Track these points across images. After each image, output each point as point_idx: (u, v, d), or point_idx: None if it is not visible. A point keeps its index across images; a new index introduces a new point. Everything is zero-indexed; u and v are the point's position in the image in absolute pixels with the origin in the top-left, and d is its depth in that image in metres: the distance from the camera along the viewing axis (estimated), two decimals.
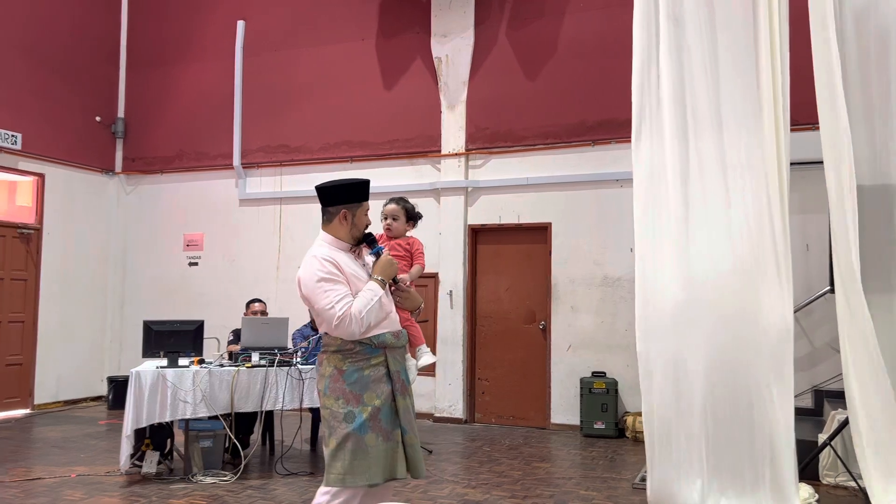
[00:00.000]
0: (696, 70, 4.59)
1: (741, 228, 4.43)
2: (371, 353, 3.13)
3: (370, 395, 3.09)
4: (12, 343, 8.76)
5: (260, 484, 5.42)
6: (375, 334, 3.14)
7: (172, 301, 9.61)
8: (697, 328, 4.43)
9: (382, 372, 3.14)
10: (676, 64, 4.62)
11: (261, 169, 9.43)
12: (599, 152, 7.87)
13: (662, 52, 4.64)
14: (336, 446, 3.04)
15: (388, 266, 3.26)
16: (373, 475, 3.03)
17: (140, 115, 10.18)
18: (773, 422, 4.24)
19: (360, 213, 3.25)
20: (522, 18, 8.29)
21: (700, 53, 4.58)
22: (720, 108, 4.54)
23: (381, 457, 3.06)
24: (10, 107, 8.73)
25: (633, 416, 7.28)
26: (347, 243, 3.25)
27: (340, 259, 3.15)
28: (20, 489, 5.23)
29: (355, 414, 3.05)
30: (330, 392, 3.11)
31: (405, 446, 3.16)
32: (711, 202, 4.51)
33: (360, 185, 3.24)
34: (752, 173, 4.44)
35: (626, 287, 7.59)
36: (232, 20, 9.62)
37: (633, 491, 5.28)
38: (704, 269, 4.47)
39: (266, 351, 5.84)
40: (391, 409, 3.14)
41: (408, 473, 3.17)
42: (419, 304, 3.57)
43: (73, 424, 7.98)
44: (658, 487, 4.46)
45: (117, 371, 9.64)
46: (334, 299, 3.04)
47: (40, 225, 9.09)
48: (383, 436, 3.08)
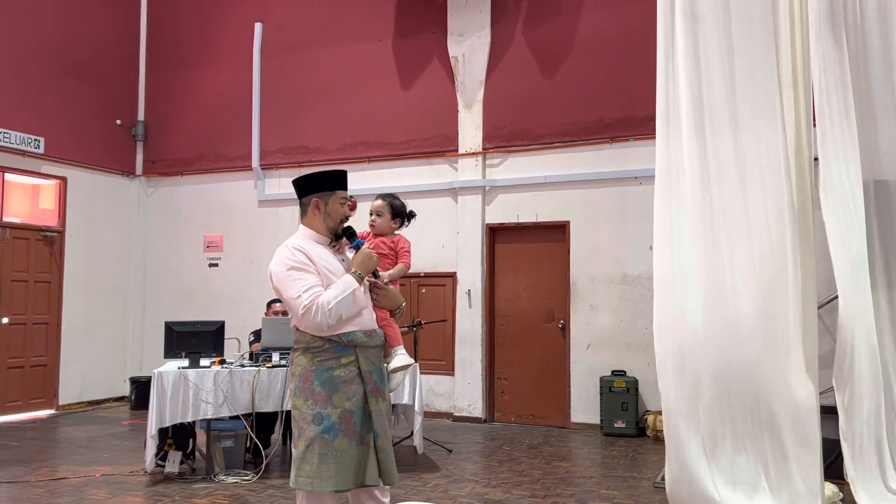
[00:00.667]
0: (714, 67, 4.56)
1: (760, 227, 4.39)
2: (341, 352, 3.00)
3: (340, 396, 2.96)
4: (37, 344, 8.88)
5: (281, 483, 5.45)
6: (345, 332, 3.00)
7: (193, 302, 9.70)
8: (717, 326, 4.40)
9: (354, 372, 3.01)
10: (693, 62, 4.59)
11: (279, 170, 9.48)
12: (618, 149, 7.83)
13: (679, 51, 4.62)
14: (305, 448, 2.93)
15: (366, 259, 3.11)
16: (341, 481, 2.90)
17: (160, 117, 10.28)
18: (798, 419, 4.19)
19: (334, 201, 3.12)
20: (539, 16, 8.27)
21: (717, 50, 4.55)
22: (737, 106, 4.50)
23: (351, 462, 2.93)
24: (33, 111, 8.85)
25: (654, 414, 7.24)
26: (326, 237, 3.13)
27: (314, 250, 3.04)
28: (46, 488, 5.31)
29: (323, 416, 2.92)
30: (300, 392, 2.99)
31: (377, 451, 3.01)
32: (729, 201, 4.47)
33: (332, 173, 3.13)
34: (772, 171, 4.40)
35: (646, 285, 7.55)
36: (249, 22, 9.69)
37: (655, 490, 5.25)
38: (723, 269, 4.43)
39: (286, 351, 5.87)
40: (364, 411, 3.01)
41: (380, 479, 3.02)
42: (399, 304, 3.37)
43: (96, 424, 8.08)
44: (677, 487, 4.43)
45: (139, 372, 9.75)
46: (301, 288, 2.92)
47: (63, 227, 9.21)
48: (356, 440, 2.95)
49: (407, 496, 5.07)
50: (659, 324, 4.54)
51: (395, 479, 3.07)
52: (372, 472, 2.97)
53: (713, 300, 4.42)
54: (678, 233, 4.55)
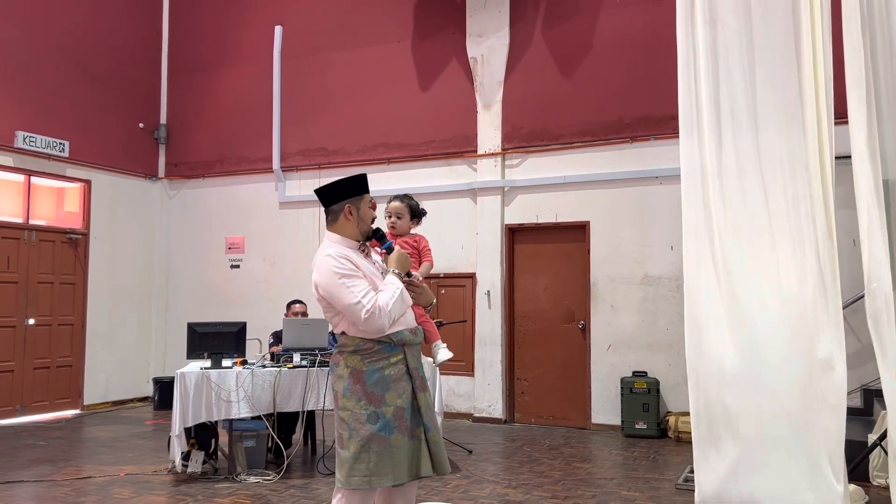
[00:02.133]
0: (735, 71, 4.57)
1: (781, 227, 4.37)
2: (390, 352, 3.07)
3: (392, 394, 3.03)
4: (62, 345, 9.01)
5: (302, 483, 5.48)
6: (395, 331, 3.07)
7: (215, 303, 9.78)
8: (745, 328, 4.37)
9: (402, 370, 3.09)
10: (713, 66, 4.61)
11: (300, 172, 9.54)
12: (638, 149, 7.79)
13: (700, 57, 4.65)
14: (359, 448, 2.96)
15: (402, 259, 3.20)
16: (398, 475, 2.98)
17: (182, 120, 10.38)
18: (823, 422, 4.15)
19: (364, 205, 3.18)
20: (558, 16, 8.25)
21: (738, 54, 4.57)
22: (757, 107, 4.50)
23: (405, 456, 3.02)
24: (58, 116, 8.98)
25: (676, 416, 7.19)
26: (355, 241, 3.17)
27: (353, 256, 3.08)
28: (71, 487, 5.38)
29: (379, 414, 2.99)
30: (350, 393, 3.04)
31: (429, 443, 3.10)
32: (750, 201, 4.46)
33: (358, 178, 3.18)
34: (793, 171, 4.38)
35: (666, 285, 7.50)
36: (269, 25, 9.75)
37: (677, 492, 5.21)
38: (746, 268, 4.42)
39: (307, 351, 5.91)
40: (413, 407, 3.09)
41: (433, 471, 3.12)
42: (432, 300, 3.47)
43: (120, 424, 8.18)
44: (706, 488, 4.40)
45: (162, 372, 9.85)
46: (359, 294, 2.95)
47: (87, 230, 9.33)
48: (408, 434, 3.04)
49: (427, 497, 5.08)
50: (689, 325, 4.54)
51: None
52: (426, 463, 3.07)
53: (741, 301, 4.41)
54: (701, 235, 4.56)
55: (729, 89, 4.58)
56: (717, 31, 4.63)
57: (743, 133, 4.53)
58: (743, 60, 4.57)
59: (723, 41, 4.61)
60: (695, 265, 4.55)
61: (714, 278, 4.48)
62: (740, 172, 4.51)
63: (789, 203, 4.38)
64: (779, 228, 4.39)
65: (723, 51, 4.60)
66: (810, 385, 4.21)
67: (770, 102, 4.50)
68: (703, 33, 4.63)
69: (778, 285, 4.35)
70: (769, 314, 4.34)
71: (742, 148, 4.52)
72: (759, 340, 4.35)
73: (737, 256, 4.46)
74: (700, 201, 4.58)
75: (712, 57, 4.63)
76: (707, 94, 4.61)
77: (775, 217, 4.41)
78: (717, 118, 4.59)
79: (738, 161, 4.53)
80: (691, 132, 4.65)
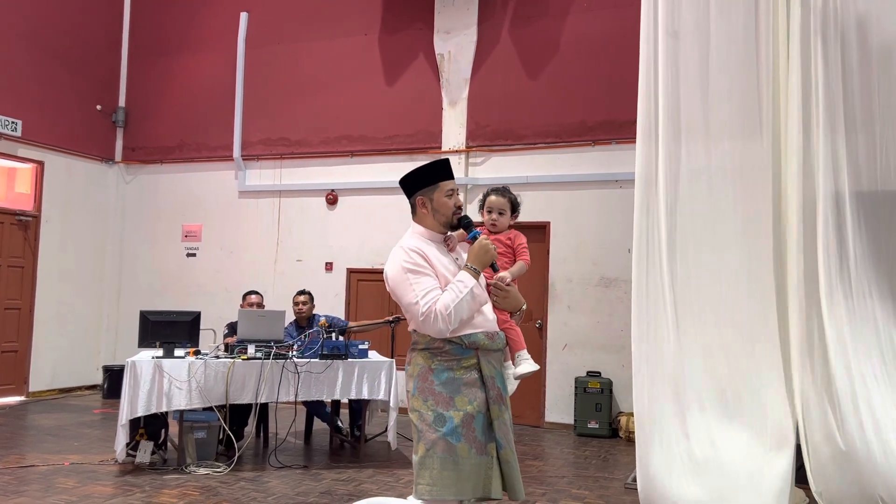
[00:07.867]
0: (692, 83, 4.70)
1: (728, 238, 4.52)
2: (462, 354, 2.81)
3: (462, 399, 2.76)
4: (8, 330, 8.76)
5: (253, 476, 5.42)
6: (466, 334, 2.80)
7: (170, 291, 9.61)
8: (689, 333, 4.49)
9: (475, 376, 2.81)
10: (673, 77, 4.72)
11: (261, 161, 9.42)
12: (600, 152, 7.88)
13: (660, 66, 4.75)
14: (424, 453, 2.71)
15: (482, 252, 2.88)
16: (462, 489, 2.68)
17: (141, 104, 10.16)
18: (774, 423, 4.27)
19: (439, 195, 2.92)
20: (526, 17, 8.29)
21: (696, 67, 4.69)
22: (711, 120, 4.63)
23: (472, 471, 2.71)
24: (11, 93, 8.71)
25: (627, 416, 7.30)
26: (439, 233, 2.95)
27: (429, 250, 2.86)
28: (13, 476, 5.24)
29: (446, 418, 2.72)
30: (418, 392, 2.80)
31: (500, 463, 2.80)
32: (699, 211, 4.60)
33: (432, 166, 2.94)
34: (744, 182, 4.52)
35: (623, 288, 7.60)
36: (235, 12, 9.61)
37: (625, 491, 5.29)
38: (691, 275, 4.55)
39: (262, 343, 5.85)
40: (485, 419, 2.80)
41: (504, 493, 2.81)
42: (521, 306, 3.10)
43: (67, 412, 7.99)
44: (649, 486, 4.48)
45: (113, 360, 9.64)
46: (420, 293, 2.73)
47: (39, 212, 9.08)
48: (476, 448, 2.74)
49: (380, 492, 5.07)
50: (635, 325, 4.63)
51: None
52: (497, 484, 2.77)
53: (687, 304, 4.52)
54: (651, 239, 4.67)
55: (687, 100, 4.70)
56: (679, 43, 4.74)
57: (697, 143, 4.66)
58: (702, 72, 4.68)
59: (683, 52, 4.73)
60: (644, 269, 4.65)
61: (660, 283, 4.58)
62: (692, 182, 4.64)
63: (738, 213, 4.53)
64: (726, 239, 4.53)
65: (683, 62, 4.72)
66: (758, 384, 4.33)
67: (726, 113, 4.62)
68: (664, 44, 4.74)
69: (722, 294, 4.48)
70: (716, 319, 4.46)
71: (694, 158, 4.65)
72: (705, 343, 4.47)
73: (683, 263, 4.58)
74: (652, 207, 4.69)
75: (672, 67, 4.73)
76: (665, 104, 4.72)
77: (722, 226, 4.55)
78: (674, 127, 4.70)
79: (691, 171, 4.65)
80: (648, 139, 4.75)
